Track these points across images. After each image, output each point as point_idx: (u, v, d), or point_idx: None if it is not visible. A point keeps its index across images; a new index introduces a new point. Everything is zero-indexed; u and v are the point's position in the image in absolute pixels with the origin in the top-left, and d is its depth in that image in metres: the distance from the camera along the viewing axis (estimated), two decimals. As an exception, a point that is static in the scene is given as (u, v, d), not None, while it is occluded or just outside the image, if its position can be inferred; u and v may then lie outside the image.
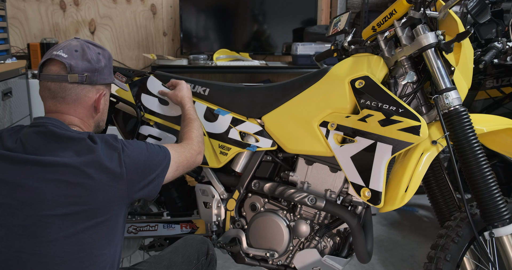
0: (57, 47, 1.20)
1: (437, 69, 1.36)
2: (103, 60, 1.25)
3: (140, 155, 1.18)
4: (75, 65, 1.18)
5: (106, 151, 1.12)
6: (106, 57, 1.28)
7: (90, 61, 1.20)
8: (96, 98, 1.24)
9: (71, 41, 1.23)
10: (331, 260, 1.53)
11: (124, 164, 1.13)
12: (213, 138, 1.65)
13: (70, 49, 1.19)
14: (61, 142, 1.11)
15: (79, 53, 1.20)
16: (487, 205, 1.32)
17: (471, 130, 1.32)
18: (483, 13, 1.56)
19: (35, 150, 1.10)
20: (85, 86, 1.21)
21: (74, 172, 1.08)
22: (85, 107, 1.22)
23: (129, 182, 1.14)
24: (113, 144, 1.14)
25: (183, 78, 1.71)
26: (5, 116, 2.06)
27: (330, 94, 1.48)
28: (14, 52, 3.08)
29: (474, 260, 1.47)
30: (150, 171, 1.20)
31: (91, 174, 1.08)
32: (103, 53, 1.27)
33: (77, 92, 1.20)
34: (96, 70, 1.22)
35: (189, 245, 1.42)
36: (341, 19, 1.63)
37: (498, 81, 2.34)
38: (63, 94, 1.19)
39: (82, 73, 1.18)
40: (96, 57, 1.23)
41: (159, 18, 3.36)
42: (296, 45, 3.01)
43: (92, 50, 1.23)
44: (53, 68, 1.18)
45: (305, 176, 1.57)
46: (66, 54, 1.18)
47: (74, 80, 1.18)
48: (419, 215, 2.95)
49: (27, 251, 1.05)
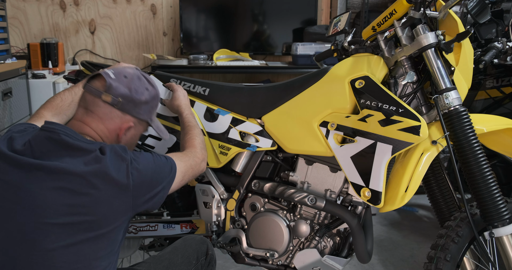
0: (112, 67, 1.25)
1: (437, 69, 1.36)
2: (146, 96, 1.26)
3: (147, 168, 1.17)
4: (115, 87, 1.20)
5: (115, 162, 1.11)
6: (151, 95, 1.28)
7: (131, 89, 1.22)
8: (120, 126, 1.24)
9: (129, 69, 1.27)
10: (331, 260, 1.53)
11: (131, 176, 1.12)
12: (213, 138, 1.65)
13: (121, 73, 1.23)
14: (71, 151, 1.10)
15: (127, 80, 1.23)
16: (487, 205, 1.32)
17: (471, 130, 1.32)
18: (483, 13, 1.56)
19: (43, 155, 1.09)
20: (115, 110, 1.21)
21: (80, 181, 1.06)
22: (107, 129, 1.23)
23: (135, 194, 1.13)
24: (122, 155, 1.13)
25: (183, 78, 1.71)
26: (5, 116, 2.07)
27: (330, 94, 1.48)
28: (14, 52, 3.08)
29: (474, 260, 1.47)
30: (157, 184, 1.19)
31: (96, 185, 1.07)
32: (151, 90, 1.28)
33: (105, 111, 1.21)
34: (132, 100, 1.22)
35: (189, 245, 1.41)
36: (341, 19, 1.63)
37: (498, 81, 2.35)
38: (93, 108, 1.20)
39: (116, 97, 1.20)
40: (140, 90, 1.24)
41: (159, 18, 3.36)
42: (296, 45, 3.01)
43: (141, 83, 1.26)
44: (96, 82, 1.22)
45: (305, 176, 1.57)
46: (114, 75, 1.22)
47: (107, 100, 1.19)
48: (419, 215, 2.95)
49: (24, 258, 1.04)
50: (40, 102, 1.58)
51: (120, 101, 1.20)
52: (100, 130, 1.21)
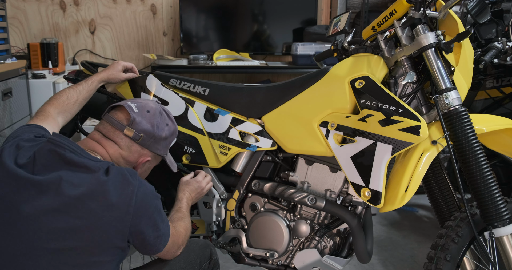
0: (135, 100, 1.26)
1: (437, 69, 1.36)
2: (166, 132, 1.28)
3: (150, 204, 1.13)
4: (138, 122, 1.21)
5: (119, 186, 1.07)
6: (171, 131, 1.30)
7: (154, 126, 1.23)
8: (137, 160, 1.25)
9: (150, 102, 1.28)
10: (331, 260, 1.53)
11: (134, 203, 1.07)
12: (213, 138, 1.65)
13: (144, 108, 1.24)
14: (73, 168, 1.07)
15: (150, 115, 1.24)
16: (487, 205, 1.32)
17: (471, 130, 1.32)
18: (483, 13, 1.56)
19: (43, 168, 1.06)
20: (135, 145, 1.23)
21: (76, 204, 1.02)
22: (124, 159, 1.23)
23: (133, 225, 1.08)
24: (129, 180, 1.09)
25: (183, 78, 1.71)
26: (5, 116, 2.07)
27: (330, 94, 1.48)
28: (14, 52, 3.08)
29: (474, 260, 1.47)
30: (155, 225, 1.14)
31: (94, 210, 1.03)
32: (171, 126, 1.30)
33: (126, 144, 1.22)
34: (154, 136, 1.24)
35: (191, 249, 1.36)
36: (341, 19, 1.63)
37: (498, 81, 2.34)
38: (112, 137, 1.22)
39: (139, 132, 1.22)
40: (162, 126, 1.26)
41: (159, 18, 3.36)
42: (296, 45, 3.01)
43: (163, 118, 1.27)
44: (119, 114, 1.23)
45: (305, 176, 1.57)
46: (137, 109, 1.23)
47: (129, 135, 1.21)
48: (419, 215, 2.95)
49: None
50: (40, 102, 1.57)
51: (142, 136, 1.22)
52: (115, 157, 1.21)
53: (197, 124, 1.65)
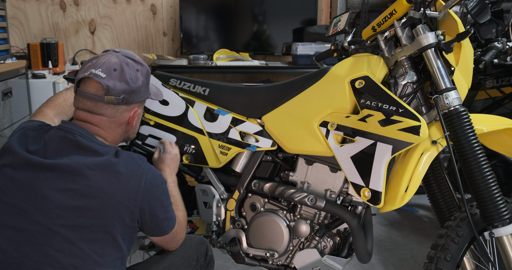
0: (96, 64, 1.18)
1: (437, 69, 1.36)
2: (140, 78, 1.23)
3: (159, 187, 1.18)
4: (113, 86, 1.16)
5: (128, 169, 1.12)
6: (144, 74, 1.25)
7: (128, 82, 1.19)
8: (130, 116, 1.24)
9: (111, 57, 1.19)
10: (331, 260, 1.53)
11: (143, 184, 1.12)
12: (213, 138, 1.65)
13: (109, 67, 1.17)
14: (84, 152, 1.11)
15: (118, 72, 1.18)
16: (487, 205, 1.32)
17: (471, 130, 1.32)
18: (483, 13, 1.56)
19: (55, 154, 1.11)
20: (121, 106, 1.20)
21: (89, 184, 1.08)
22: (117, 124, 1.23)
23: (142, 205, 1.13)
24: (138, 162, 1.15)
25: (183, 78, 1.71)
26: (5, 116, 2.07)
27: (330, 94, 1.48)
28: (14, 52, 3.08)
29: (474, 260, 1.47)
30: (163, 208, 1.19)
31: (105, 189, 1.08)
32: (142, 69, 1.24)
33: (112, 111, 1.20)
34: (133, 91, 1.20)
35: (188, 246, 1.41)
36: (341, 19, 1.63)
37: (498, 81, 2.34)
38: (98, 111, 1.19)
39: (119, 95, 1.18)
40: (134, 76, 1.20)
41: (159, 18, 3.36)
42: (296, 45, 3.00)
43: (131, 68, 1.21)
44: (90, 87, 1.17)
45: (305, 176, 1.57)
46: (104, 73, 1.16)
47: (110, 102, 1.18)
48: (419, 215, 2.95)
49: (31, 257, 1.06)
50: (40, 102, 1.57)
51: (123, 97, 1.19)
52: (109, 128, 1.21)
53: (197, 124, 1.66)
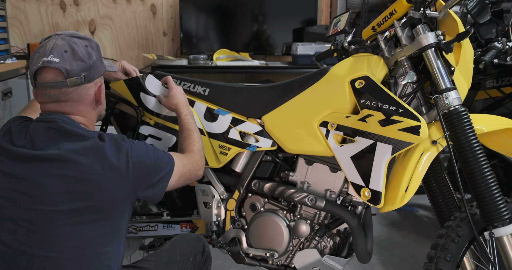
0: (45, 51, 1.14)
1: (437, 69, 1.36)
2: (93, 53, 1.20)
3: (146, 156, 1.20)
4: (70, 68, 1.14)
5: (114, 149, 1.14)
6: (94, 48, 1.22)
7: (83, 59, 1.16)
8: (96, 92, 1.23)
9: (56, 41, 1.16)
10: (331, 260, 1.53)
11: (131, 161, 1.15)
12: (213, 138, 1.65)
13: (59, 51, 1.14)
14: (71, 138, 1.13)
15: (69, 53, 1.15)
16: (487, 205, 1.32)
17: (471, 130, 1.32)
18: (483, 13, 1.56)
19: (43, 145, 1.12)
20: (85, 85, 1.19)
21: (81, 168, 1.09)
22: (87, 104, 1.22)
23: (135, 180, 1.16)
24: (121, 143, 1.17)
25: (183, 78, 1.71)
26: (5, 116, 2.07)
27: (330, 94, 1.48)
28: (14, 52, 3.08)
29: (474, 260, 1.47)
30: (156, 172, 1.22)
31: (97, 171, 1.10)
32: (90, 44, 1.21)
33: (78, 93, 1.18)
34: (91, 66, 1.19)
35: (186, 243, 1.43)
36: (341, 19, 1.63)
37: (498, 81, 2.34)
38: (65, 98, 1.17)
39: (79, 75, 1.16)
40: (86, 52, 1.18)
41: (159, 18, 3.36)
42: (296, 45, 3.00)
43: (80, 45, 1.17)
44: (48, 75, 1.14)
45: (305, 176, 1.57)
46: (57, 58, 1.13)
47: (74, 84, 1.15)
48: (419, 215, 2.95)
49: (33, 245, 1.07)
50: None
51: (84, 75, 1.17)
52: (82, 111, 1.21)
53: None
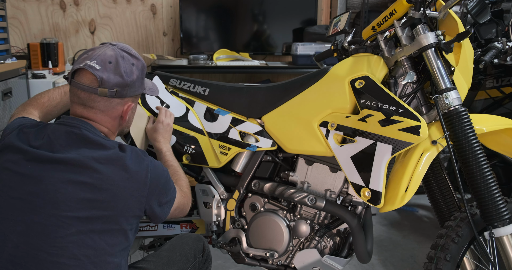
0: (92, 56, 1.18)
1: (437, 69, 1.36)
2: (135, 73, 1.23)
3: (162, 174, 1.23)
4: (106, 79, 1.17)
5: (135, 162, 1.16)
6: (140, 69, 1.25)
7: (122, 75, 1.19)
8: (123, 110, 1.25)
9: (107, 50, 1.20)
10: (331, 260, 1.53)
11: (149, 176, 1.17)
12: (213, 138, 1.65)
13: (104, 60, 1.17)
14: (91, 146, 1.14)
15: (113, 65, 1.18)
16: (487, 205, 1.32)
17: (471, 130, 1.32)
18: (483, 13, 1.56)
19: (63, 148, 1.12)
20: (114, 99, 1.21)
21: (101, 177, 1.10)
22: (111, 118, 1.23)
23: (149, 195, 1.18)
24: (142, 157, 1.19)
25: (183, 78, 1.71)
26: (5, 116, 2.07)
27: (330, 94, 1.48)
28: (14, 52, 3.08)
29: (474, 260, 1.47)
30: (165, 193, 1.25)
31: (116, 182, 1.11)
32: (137, 64, 1.24)
33: (105, 104, 1.20)
34: (127, 84, 1.20)
35: (186, 243, 1.43)
36: (341, 19, 1.63)
37: (498, 81, 2.34)
38: (92, 104, 1.19)
39: (112, 88, 1.18)
40: (129, 70, 1.20)
41: (159, 18, 3.36)
42: (296, 45, 3.00)
43: (126, 61, 1.21)
44: (84, 78, 1.17)
45: (305, 176, 1.57)
46: (99, 65, 1.17)
47: (104, 94, 1.18)
48: (419, 215, 2.95)
49: (45, 250, 1.07)
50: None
51: (116, 90, 1.19)
52: (105, 122, 1.23)
53: (197, 124, 1.66)
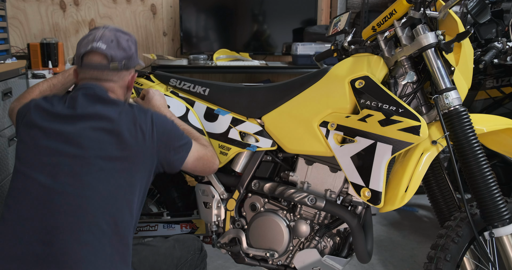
0: (94, 38, 1.33)
1: (437, 69, 1.36)
2: (132, 46, 1.40)
3: (167, 121, 1.37)
4: (114, 55, 1.33)
5: (141, 113, 1.31)
6: (134, 42, 1.42)
7: (125, 49, 1.36)
8: (129, 80, 1.41)
9: (104, 31, 1.36)
10: (331, 260, 1.53)
11: (155, 123, 1.30)
12: (213, 138, 1.65)
13: (107, 40, 1.34)
14: (105, 103, 1.29)
15: (115, 43, 1.35)
16: (487, 205, 1.32)
17: (471, 130, 1.32)
18: (483, 13, 1.56)
19: (82, 107, 1.27)
20: (122, 71, 1.37)
21: (118, 124, 1.24)
22: (121, 88, 1.39)
23: (158, 140, 1.30)
24: (145, 110, 1.33)
25: (183, 78, 1.71)
26: (5, 116, 2.07)
27: (330, 94, 1.48)
28: (14, 52, 3.08)
29: (474, 260, 1.47)
30: (176, 138, 1.36)
31: (130, 129, 1.25)
32: (130, 39, 1.40)
33: (116, 77, 1.36)
34: (130, 57, 1.38)
35: (186, 238, 1.50)
36: (341, 19, 1.63)
37: (498, 81, 2.34)
38: (105, 78, 1.35)
39: (121, 61, 1.35)
40: (127, 44, 1.37)
41: (159, 18, 3.36)
42: (296, 45, 3.00)
43: (123, 38, 1.37)
44: (95, 58, 1.33)
45: (305, 176, 1.57)
46: (104, 44, 1.33)
47: (115, 68, 1.34)
48: (419, 215, 2.95)
49: (71, 184, 1.18)
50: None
51: (124, 62, 1.36)
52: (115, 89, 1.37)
53: (197, 124, 1.66)
